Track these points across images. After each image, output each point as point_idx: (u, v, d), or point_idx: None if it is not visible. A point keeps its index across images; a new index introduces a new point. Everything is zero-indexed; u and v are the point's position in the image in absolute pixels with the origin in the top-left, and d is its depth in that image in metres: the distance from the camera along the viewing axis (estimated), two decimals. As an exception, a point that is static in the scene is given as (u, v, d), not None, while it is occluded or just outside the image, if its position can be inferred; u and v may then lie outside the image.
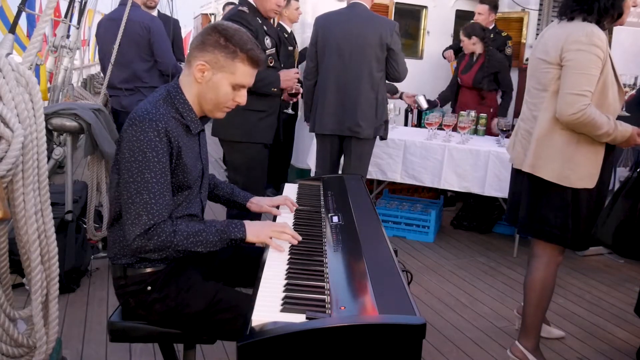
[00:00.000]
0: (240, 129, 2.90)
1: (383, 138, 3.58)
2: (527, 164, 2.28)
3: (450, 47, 5.15)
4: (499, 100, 4.55)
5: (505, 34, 4.81)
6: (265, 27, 2.91)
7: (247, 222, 1.61)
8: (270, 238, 1.60)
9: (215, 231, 1.56)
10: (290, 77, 2.94)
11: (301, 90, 3.08)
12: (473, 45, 4.41)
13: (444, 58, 5.17)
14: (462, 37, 4.48)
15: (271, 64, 2.92)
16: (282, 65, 3.06)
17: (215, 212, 4.38)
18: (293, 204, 1.98)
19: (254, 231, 1.60)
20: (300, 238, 1.61)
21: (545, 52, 2.21)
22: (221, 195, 2.02)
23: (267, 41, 2.90)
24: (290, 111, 3.46)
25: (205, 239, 1.54)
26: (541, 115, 2.24)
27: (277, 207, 1.98)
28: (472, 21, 4.66)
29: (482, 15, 4.69)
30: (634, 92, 2.44)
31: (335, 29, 3.36)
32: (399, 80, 3.48)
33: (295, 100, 3.16)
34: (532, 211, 2.32)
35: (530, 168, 2.27)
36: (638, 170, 2.10)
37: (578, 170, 2.18)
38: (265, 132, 2.98)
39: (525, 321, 2.42)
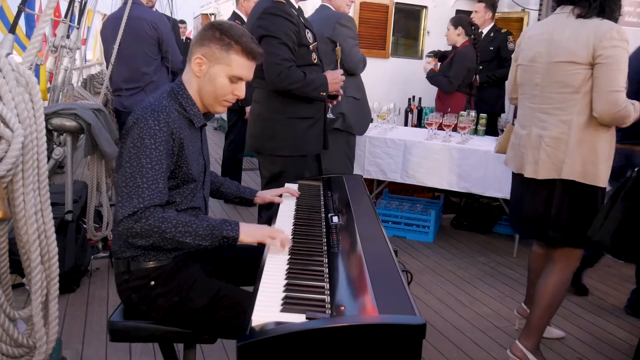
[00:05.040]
0: (287, 141, 2.61)
1: (349, 131, 3.50)
2: (576, 172, 2.18)
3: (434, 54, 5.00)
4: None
5: (505, 30, 4.80)
6: (302, 20, 2.63)
7: (242, 223, 1.60)
8: (265, 237, 1.59)
9: (206, 226, 1.54)
10: (337, 80, 2.64)
11: (341, 92, 2.74)
12: (457, 36, 4.42)
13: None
14: (449, 26, 4.48)
15: (315, 61, 2.65)
16: (322, 63, 2.76)
17: (216, 212, 4.38)
18: (295, 191, 2.11)
19: (248, 232, 1.59)
20: (290, 244, 1.58)
21: (570, 54, 2.14)
22: (228, 192, 2.06)
23: (309, 35, 2.63)
24: (332, 116, 3.03)
25: (194, 231, 1.52)
26: (577, 119, 2.18)
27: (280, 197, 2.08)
28: (464, 15, 4.68)
29: (478, 13, 4.69)
30: None
31: None
32: (353, 70, 3.40)
33: (334, 103, 2.85)
34: (576, 221, 2.23)
35: (581, 176, 2.18)
36: (636, 169, 2.09)
37: (609, 169, 2.19)
38: (314, 142, 2.69)
39: (531, 322, 2.40)
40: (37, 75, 4.50)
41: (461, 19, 4.48)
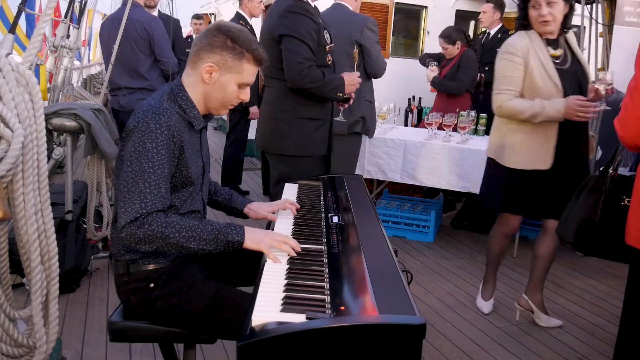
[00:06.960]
0: (294, 141, 2.60)
1: (366, 135, 3.54)
2: (490, 151, 2.75)
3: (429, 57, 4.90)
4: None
5: (512, 31, 4.76)
6: (320, 20, 2.58)
7: (247, 228, 1.57)
8: (270, 248, 1.54)
9: (211, 230, 1.52)
10: (354, 82, 2.61)
11: (353, 96, 2.73)
12: (457, 49, 4.47)
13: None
14: (444, 44, 4.48)
15: (329, 62, 2.63)
16: (335, 65, 2.73)
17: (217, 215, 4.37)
18: (293, 205, 1.93)
19: (254, 238, 1.55)
20: (299, 249, 1.54)
21: None
22: (220, 201, 1.99)
23: (327, 35, 2.60)
24: (342, 119, 3.00)
25: (199, 235, 1.50)
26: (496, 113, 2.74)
27: (275, 213, 1.93)
28: (450, 26, 4.71)
29: (487, 14, 4.67)
30: (609, 87, 2.48)
31: None
32: (377, 75, 3.45)
33: (345, 106, 2.82)
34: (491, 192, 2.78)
35: (494, 155, 2.71)
36: (601, 169, 2.10)
37: (516, 155, 2.57)
38: (321, 144, 2.67)
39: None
40: (37, 75, 4.50)
41: (451, 33, 4.47)
